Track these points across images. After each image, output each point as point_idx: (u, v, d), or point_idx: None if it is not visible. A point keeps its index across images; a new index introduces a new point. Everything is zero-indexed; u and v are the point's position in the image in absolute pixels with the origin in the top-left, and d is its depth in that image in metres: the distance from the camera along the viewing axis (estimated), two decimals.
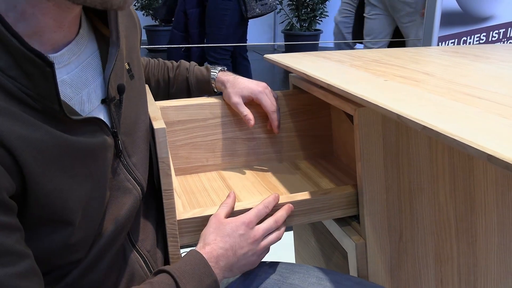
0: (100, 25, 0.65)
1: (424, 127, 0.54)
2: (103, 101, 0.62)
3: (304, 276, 0.77)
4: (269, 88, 1.02)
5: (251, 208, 0.75)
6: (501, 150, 0.45)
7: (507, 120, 0.55)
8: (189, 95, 1.04)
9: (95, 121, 0.58)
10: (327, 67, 0.92)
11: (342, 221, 0.87)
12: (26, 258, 0.49)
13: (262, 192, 0.94)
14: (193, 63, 1.06)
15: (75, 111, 0.56)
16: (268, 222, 0.74)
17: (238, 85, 0.99)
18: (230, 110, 1.02)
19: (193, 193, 0.95)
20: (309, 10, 6.02)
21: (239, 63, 2.94)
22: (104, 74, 0.62)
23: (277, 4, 2.95)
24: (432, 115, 0.57)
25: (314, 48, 5.96)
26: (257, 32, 6.78)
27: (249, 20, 2.76)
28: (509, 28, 1.84)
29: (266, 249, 0.75)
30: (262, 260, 0.76)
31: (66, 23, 0.55)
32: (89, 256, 0.60)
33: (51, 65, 0.49)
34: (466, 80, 0.77)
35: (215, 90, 1.03)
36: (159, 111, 0.79)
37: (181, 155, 1.02)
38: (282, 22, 6.36)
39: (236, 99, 0.98)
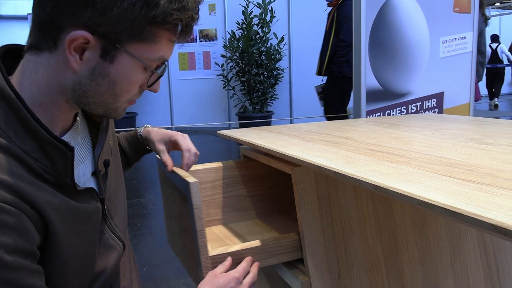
0: (91, 114, 0.82)
1: (336, 173, 0.73)
2: (93, 174, 0.78)
3: None
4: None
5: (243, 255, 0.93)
6: (386, 182, 0.64)
7: (394, 164, 0.75)
8: (124, 155, 1.10)
9: (90, 191, 0.74)
10: (268, 137, 1.12)
11: (290, 265, 1.02)
12: None
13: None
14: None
15: (76, 183, 0.71)
16: (250, 277, 0.91)
17: (161, 133, 1.06)
18: (230, 173, 1.23)
19: (210, 240, 1.12)
20: (260, 94, 6.46)
21: None
22: (94, 152, 0.79)
23: None
24: (342, 165, 0.76)
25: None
26: (213, 115, 7.13)
27: (204, 105, 2.89)
28: (424, 101, 2.17)
29: None
30: None
31: (72, 117, 0.74)
32: None
33: (72, 149, 0.66)
34: (373, 141, 0.99)
35: (147, 147, 1.09)
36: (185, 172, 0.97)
37: None
38: (236, 106, 6.75)
39: (160, 147, 1.06)
